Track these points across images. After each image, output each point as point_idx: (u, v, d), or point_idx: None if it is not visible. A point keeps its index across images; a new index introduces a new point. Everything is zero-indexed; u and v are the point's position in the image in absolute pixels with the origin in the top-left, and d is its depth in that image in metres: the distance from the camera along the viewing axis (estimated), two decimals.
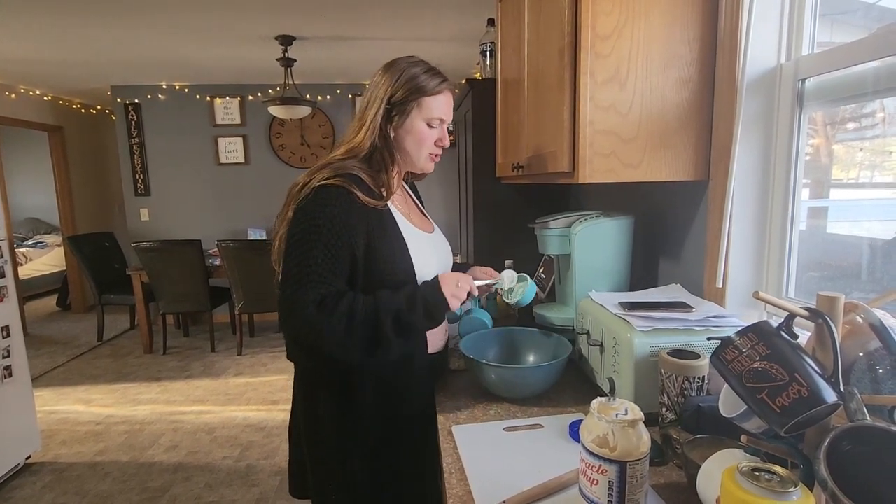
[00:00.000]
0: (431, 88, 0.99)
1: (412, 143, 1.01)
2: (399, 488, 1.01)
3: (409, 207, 1.11)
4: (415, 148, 1.02)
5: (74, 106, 5.16)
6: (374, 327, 0.88)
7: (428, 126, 1.01)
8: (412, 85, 0.98)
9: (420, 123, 1.00)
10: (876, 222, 1.02)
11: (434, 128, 1.02)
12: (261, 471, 2.34)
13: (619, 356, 0.93)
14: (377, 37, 3.23)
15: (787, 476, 0.49)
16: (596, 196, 1.81)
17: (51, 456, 2.51)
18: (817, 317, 0.60)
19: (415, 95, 0.98)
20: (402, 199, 1.10)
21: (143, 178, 4.60)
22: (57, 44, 3.23)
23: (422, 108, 0.99)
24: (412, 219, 1.06)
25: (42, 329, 4.78)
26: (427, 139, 1.02)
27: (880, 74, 0.82)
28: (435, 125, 1.02)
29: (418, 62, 1.01)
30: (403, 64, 1.00)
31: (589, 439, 0.61)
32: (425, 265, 1.01)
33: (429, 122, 1.01)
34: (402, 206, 1.08)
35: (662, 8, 1.01)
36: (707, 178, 1.09)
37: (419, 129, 1.00)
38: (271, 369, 3.61)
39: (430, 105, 1.00)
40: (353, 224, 0.92)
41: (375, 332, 0.89)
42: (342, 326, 0.87)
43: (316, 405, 1.00)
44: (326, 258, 0.89)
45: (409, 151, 1.02)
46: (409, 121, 1.00)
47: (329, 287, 0.89)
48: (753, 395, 0.57)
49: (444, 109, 1.02)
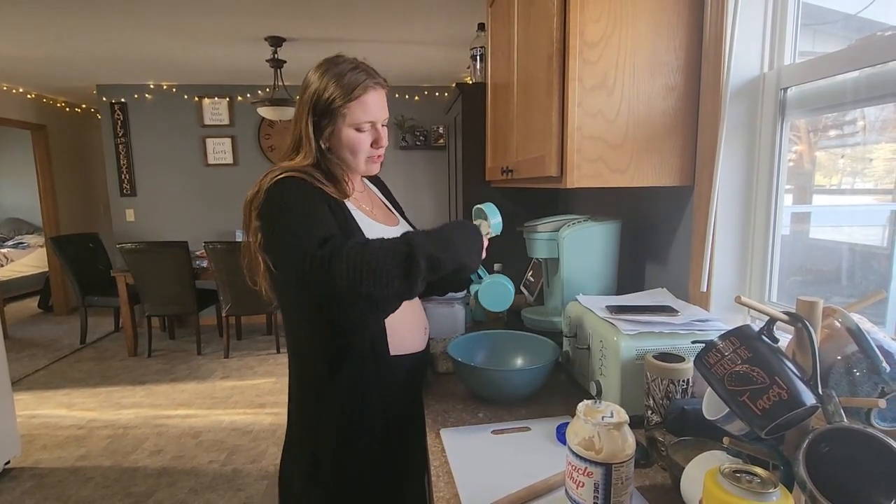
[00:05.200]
0: (352, 92, 0.93)
1: (347, 151, 0.98)
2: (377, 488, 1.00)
3: (373, 203, 1.09)
4: (350, 156, 0.98)
5: (59, 104, 5.09)
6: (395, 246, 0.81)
7: (358, 131, 0.96)
8: (333, 92, 0.93)
9: (349, 131, 0.96)
10: (857, 228, 1.04)
11: (364, 132, 0.97)
12: (247, 475, 2.32)
13: (605, 359, 0.94)
14: (368, 39, 3.23)
15: (767, 477, 0.50)
16: (584, 200, 1.83)
17: (31, 461, 2.46)
18: (797, 321, 0.61)
19: (337, 103, 0.93)
20: (365, 197, 1.08)
21: (129, 178, 4.54)
22: (41, 41, 3.17)
23: (346, 116, 0.94)
24: (375, 215, 1.05)
25: (23, 331, 4.69)
26: (360, 145, 0.97)
27: (859, 84, 0.85)
28: (365, 129, 0.97)
29: (341, 62, 0.96)
30: (325, 66, 0.95)
31: (575, 442, 0.62)
32: None
33: (357, 128, 0.96)
34: (365, 203, 1.06)
35: (649, 16, 1.03)
36: (692, 183, 1.10)
37: (349, 136, 0.96)
38: (258, 372, 3.57)
39: (354, 111, 0.94)
40: (318, 198, 0.91)
41: (400, 250, 0.80)
42: (356, 252, 0.78)
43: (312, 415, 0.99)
44: (309, 219, 0.86)
45: (347, 158, 0.99)
46: (336, 131, 0.96)
47: (326, 232, 0.84)
48: (735, 398, 0.58)
49: (371, 112, 0.96)
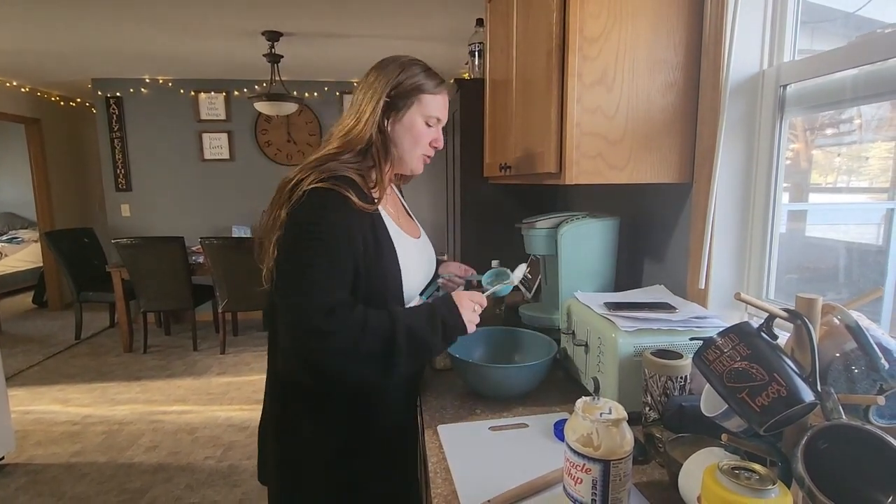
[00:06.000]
0: (432, 87, 0.99)
1: (409, 139, 1.00)
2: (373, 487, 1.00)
3: (398, 211, 1.10)
4: (410, 145, 1.00)
5: (53, 98, 5.04)
6: (387, 341, 0.85)
7: (426, 124, 1.00)
8: (414, 81, 0.97)
9: (419, 120, 0.99)
10: (852, 226, 1.04)
11: (431, 126, 1.01)
12: (243, 471, 2.31)
13: (603, 356, 0.94)
14: (365, 34, 3.22)
15: (765, 474, 0.50)
16: (582, 197, 1.83)
17: (25, 457, 2.44)
18: (796, 318, 0.61)
19: (416, 91, 0.97)
20: (393, 202, 1.09)
21: (124, 172, 4.50)
22: (35, 34, 3.14)
23: (422, 104, 0.98)
24: (401, 223, 1.05)
25: (17, 327, 4.66)
26: (423, 137, 1.01)
27: (858, 82, 0.85)
28: (432, 124, 1.01)
29: (417, 61, 1.00)
30: (403, 60, 0.99)
31: (573, 438, 0.61)
32: (411, 273, 1.00)
33: (427, 121, 1.00)
34: (392, 209, 1.06)
35: (649, 12, 1.03)
36: (691, 180, 1.10)
37: (417, 126, 0.99)
38: (255, 368, 3.56)
39: (430, 103, 0.99)
40: (353, 229, 0.90)
41: (388, 346, 0.85)
42: (352, 338, 0.83)
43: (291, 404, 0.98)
44: (331, 266, 0.86)
45: (405, 148, 1.00)
46: (408, 116, 0.98)
47: (336, 296, 0.85)
48: (734, 395, 0.58)
49: (441, 110, 1.01)
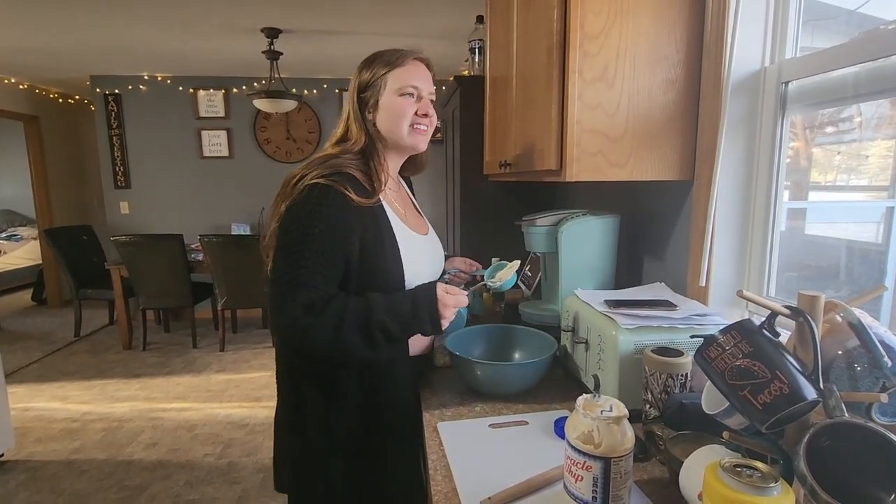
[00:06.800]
0: (395, 60, 0.98)
1: (390, 119, 0.99)
2: (381, 486, 1.00)
3: (406, 205, 1.09)
4: (394, 121, 0.98)
5: (52, 95, 5.02)
6: (364, 332, 0.89)
7: (401, 96, 0.98)
8: (376, 64, 0.98)
9: (392, 97, 0.98)
10: (852, 224, 1.04)
11: (409, 95, 0.98)
12: (243, 468, 2.31)
13: (604, 353, 0.94)
14: (365, 31, 3.20)
15: (767, 472, 0.50)
16: (583, 194, 1.82)
17: (25, 454, 2.44)
18: (798, 315, 0.61)
19: (381, 72, 0.97)
20: (399, 197, 1.08)
21: (123, 170, 4.49)
22: (34, 31, 3.13)
23: (389, 81, 0.98)
24: (408, 219, 1.05)
25: (16, 324, 4.65)
26: (403, 110, 0.98)
27: (859, 79, 0.84)
28: (409, 92, 0.98)
29: (381, 52, 1.00)
30: (368, 56, 1.01)
31: (574, 436, 0.61)
32: (416, 270, 1.00)
33: (400, 92, 0.97)
34: (399, 204, 1.06)
35: (650, 9, 1.02)
36: (692, 178, 1.10)
37: (392, 102, 0.98)
38: (254, 366, 3.56)
39: (398, 75, 0.98)
40: (348, 226, 0.91)
41: (365, 337, 0.89)
42: (330, 330, 0.87)
43: (300, 399, 0.99)
44: (319, 261, 0.88)
45: (390, 127, 0.99)
46: (383, 99, 0.98)
47: (319, 291, 0.88)
48: (736, 392, 0.58)
49: (415, 77, 0.99)
